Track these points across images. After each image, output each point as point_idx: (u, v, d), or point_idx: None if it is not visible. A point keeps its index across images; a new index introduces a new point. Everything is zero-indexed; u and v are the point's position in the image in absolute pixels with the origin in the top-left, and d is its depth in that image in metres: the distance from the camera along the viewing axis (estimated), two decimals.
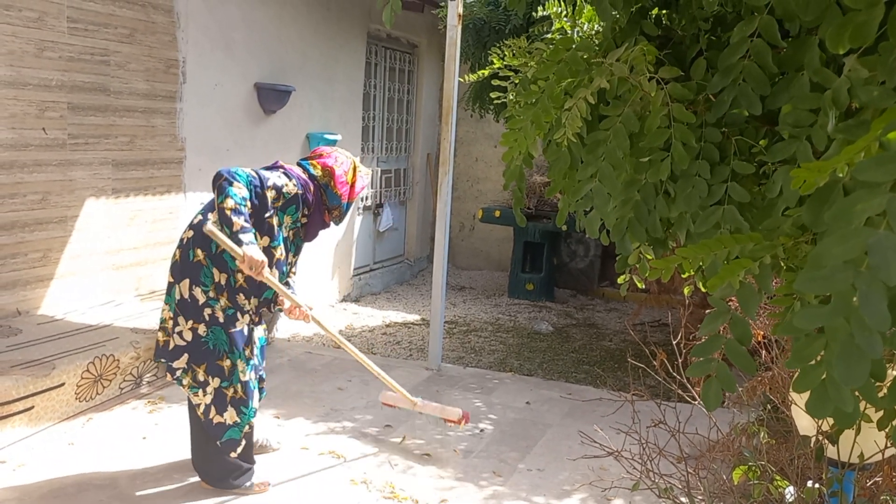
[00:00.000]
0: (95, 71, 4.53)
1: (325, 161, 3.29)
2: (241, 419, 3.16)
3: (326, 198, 3.28)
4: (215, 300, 3.06)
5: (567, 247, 8.33)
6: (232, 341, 3.11)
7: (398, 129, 8.38)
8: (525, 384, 5.05)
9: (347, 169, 3.32)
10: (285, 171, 3.17)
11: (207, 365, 3.10)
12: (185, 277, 3.06)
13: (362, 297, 7.80)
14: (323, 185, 3.26)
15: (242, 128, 5.74)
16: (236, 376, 3.13)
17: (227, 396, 3.14)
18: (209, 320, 3.07)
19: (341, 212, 3.35)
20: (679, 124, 1.44)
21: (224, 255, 3.01)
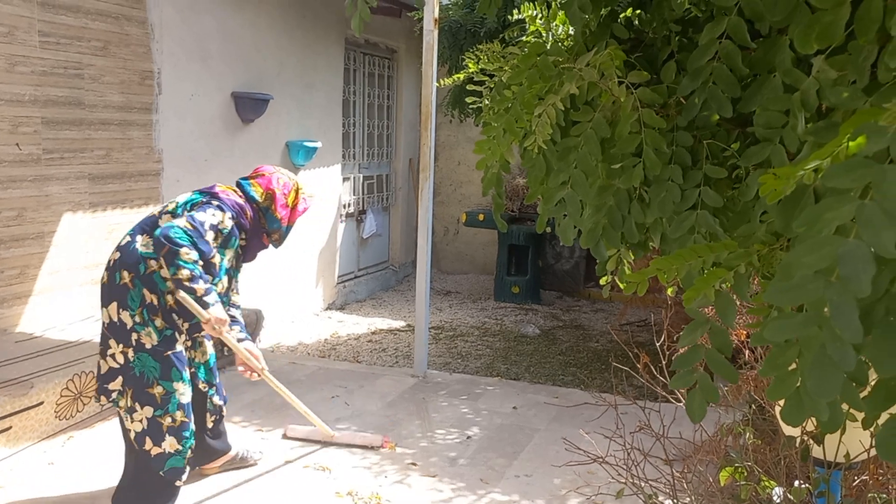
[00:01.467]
0: (69, 84, 4.47)
1: (266, 184, 3.20)
2: (182, 445, 3.02)
3: (265, 221, 3.20)
4: (142, 325, 2.92)
5: (552, 248, 8.32)
6: (167, 365, 2.97)
7: (379, 134, 8.34)
8: (512, 389, 5.02)
9: (288, 191, 3.25)
10: (219, 201, 3.05)
11: (134, 391, 2.95)
12: (113, 301, 2.95)
13: (347, 305, 7.76)
14: (263, 208, 3.18)
15: (220, 138, 5.69)
16: (173, 403, 2.98)
17: (164, 426, 2.98)
18: (136, 346, 2.93)
19: (281, 235, 3.27)
20: (650, 129, 1.42)
21: (154, 276, 2.93)
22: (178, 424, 3.00)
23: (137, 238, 2.99)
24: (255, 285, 6.17)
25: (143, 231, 3.01)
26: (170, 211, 3.03)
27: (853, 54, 1.20)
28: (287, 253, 6.62)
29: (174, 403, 2.98)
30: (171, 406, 2.98)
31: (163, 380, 2.96)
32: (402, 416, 4.40)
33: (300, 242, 6.86)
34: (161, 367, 2.95)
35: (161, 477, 2.99)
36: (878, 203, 0.73)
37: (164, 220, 2.98)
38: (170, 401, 2.97)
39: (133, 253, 2.95)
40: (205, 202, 3.03)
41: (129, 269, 2.93)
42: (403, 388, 4.90)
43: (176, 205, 3.06)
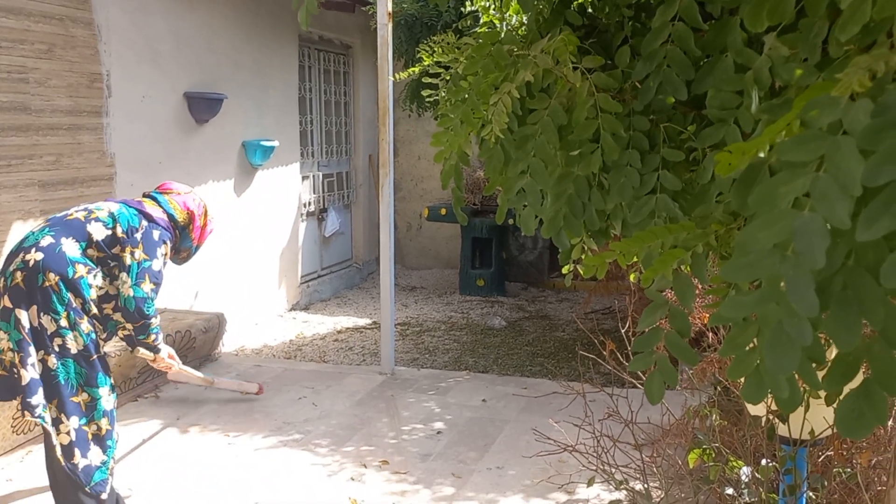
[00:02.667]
0: (13, 89, 4.34)
1: (185, 203, 3.20)
2: (107, 455, 2.90)
3: (179, 239, 3.20)
4: (68, 329, 2.81)
5: (515, 240, 8.34)
6: (93, 370, 2.86)
7: (337, 131, 8.27)
8: (480, 382, 5.02)
9: (202, 212, 3.26)
10: (158, 227, 3.05)
11: (59, 401, 2.79)
12: (32, 304, 2.79)
13: (312, 305, 7.68)
14: (181, 227, 3.18)
15: (174, 140, 5.58)
16: (99, 410, 2.87)
17: (89, 434, 2.85)
18: (59, 351, 2.80)
19: (189, 254, 3.30)
20: (606, 114, 1.41)
21: (82, 281, 2.85)
22: (104, 433, 2.89)
23: (63, 241, 2.85)
24: (217, 288, 6.07)
25: (69, 234, 2.89)
26: (100, 220, 2.94)
27: (804, 31, 1.20)
28: (248, 254, 6.53)
29: (99, 411, 2.87)
30: (96, 413, 2.86)
31: (87, 386, 2.85)
32: (372, 414, 4.36)
33: (261, 243, 6.77)
34: (87, 373, 2.85)
35: (88, 492, 2.84)
36: (832, 175, 0.73)
37: (96, 229, 2.91)
38: (95, 408, 2.86)
39: (61, 256, 2.82)
40: (148, 232, 3.00)
41: (55, 272, 2.80)
42: (371, 386, 4.87)
43: (109, 214, 2.97)
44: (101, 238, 2.91)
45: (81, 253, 2.88)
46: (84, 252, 2.89)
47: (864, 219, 0.73)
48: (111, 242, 2.93)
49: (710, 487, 2.75)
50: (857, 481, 2.53)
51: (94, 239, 2.90)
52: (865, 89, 0.80)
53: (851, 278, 0.81)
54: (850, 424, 0.91)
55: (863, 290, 0.79)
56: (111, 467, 2.94)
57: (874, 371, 0.90)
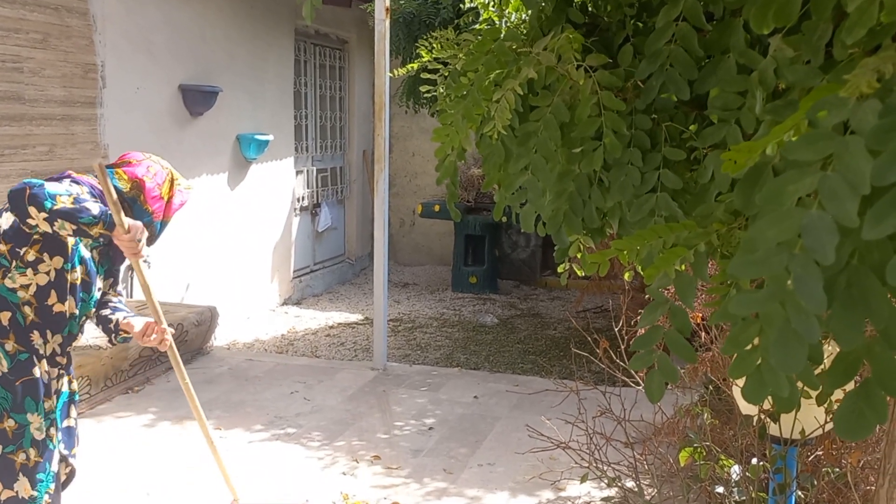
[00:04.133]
0: (7, 79, 4.31)
1: (133, 171, 2.64)
2: (38, 491, 2.57)
3: (133, 214, 2.61)
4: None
5: (508, 238, 8.35)
6: (19, 396, 2.51)
7: (332, 126, 8.26)
8: (472, 378, 5.03)
9: (161, 181, 2.70)
10: (74, 179, 2.54)
11: None
12: None
13: (304, 300, 7.67)
14: (129, 199, 2.61)
15: (168, 132, 5.56)
16: (27, 438, 2.53)
17: (17, 464, 2.53)
18: None
19: (153, 232, 2.70)
20: (609, 112, 1.42)
21: (1, 289, 2.45)
22: (33, 464, 2.56)
23: None
24: (209, 282, 6.06)
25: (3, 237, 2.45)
26: None
27: (807, 33, 1.21)
28: (241, 248, 6.52)
29: (28, 439, 2.54)
30: (24, 441, 2.53)
31: (14, 412, 2.50)
32: (363, 410, 4.37)
33: (254, 237, 6.76)
34: (11, 398, 2.50)
35: None
36: (841, 173, 0.73)
37: (5, 219, 2.43)
38: (23, 435, 2.53)
39: None
40: (58, 177, 2.51)
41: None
42: (363, 381, 4.87)
43: None
44: (6, 227, 2.43)
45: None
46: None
47: (870, 217, 0.74)
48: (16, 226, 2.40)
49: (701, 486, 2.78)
50: (846, 481, 2.55)
51: (1, 230, 2.43)
52: (873, 90, 0.80)
53: (856, 277, 0.82)
54: (849, 425, 0.92)
55: (867, 289, 0.80)
56: (45, 502, 2.59)
57: (874, 371, 0.91)
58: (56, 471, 2.65)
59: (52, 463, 2.62)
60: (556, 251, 2.05)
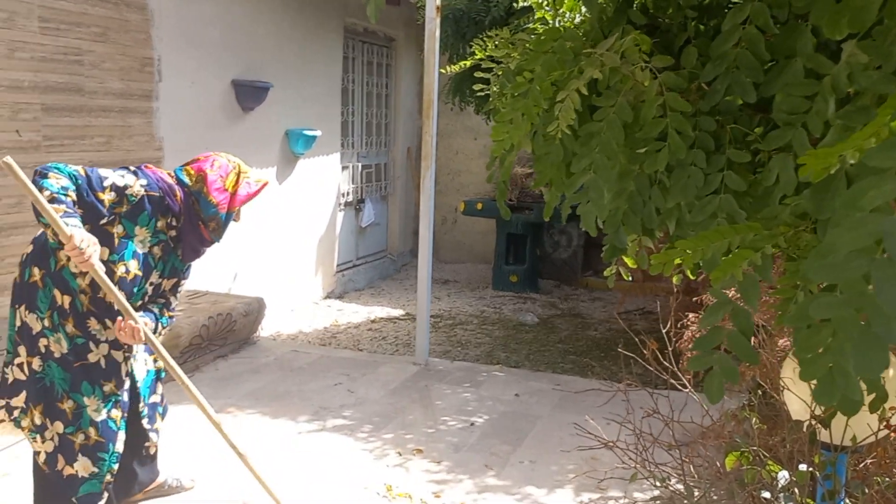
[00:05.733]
0: (69, 71, 4.45)
1: (198, 165, 2.79)
2: (99, 468, 2.68)
3: (200, 207, 2.74)
4: (52, 330, 2.59)
5: (550, 238, 8.34)
6: (77, 377, 2.62)
7: (377, 123, 8.33)
8: (513, 376, 5.04)
9: (226, 174, 2.79)
10: (138, 169, 2.64)
11: (44, 406, 2.62)
12: (22, 301, 2.61)
13: (346, 294, 7.76)
14: (195, 192, 2.73)
15: (220, 126, 5.67)
16: (85, 419, 2.63)
17: (76, 444, 2.64)
18: (44, 353, 2.60)
19: (219, 223, 2.78)
20: (674, 113, 1.43)
21: (64, 272, 2.57)
22: (93, 444, 2.65)
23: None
24: (255, 274, 6.17)
25: None
26: None
27: (878, 39, 1.21)
28: (286, 241, 6.62)
29: (86, 420, 2.64)
30: (82, 422, 2.64)
31: (73, 392, 2.62)
32: (406, 404, 4.42)
33: (299, 231, 6.86)
34: (71, 379, 2.61)
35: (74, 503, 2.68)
36: None
37: None
38: (81, 416, 2.64)
39: (43, 245, 2.60)
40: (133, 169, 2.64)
41: (39, 265, 2.59)
42: (405, 375, 4.92)
43: None
44: None
45: None
46: None
47: None
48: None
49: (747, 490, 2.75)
50: None
51: None
52: None
53: None
54: None
55: None
56: (106, 481, 2.72)
57: None
58: (120, 451, 2.75)
59: (117, 443, 2.72)
60: (605, 251, 2.06)
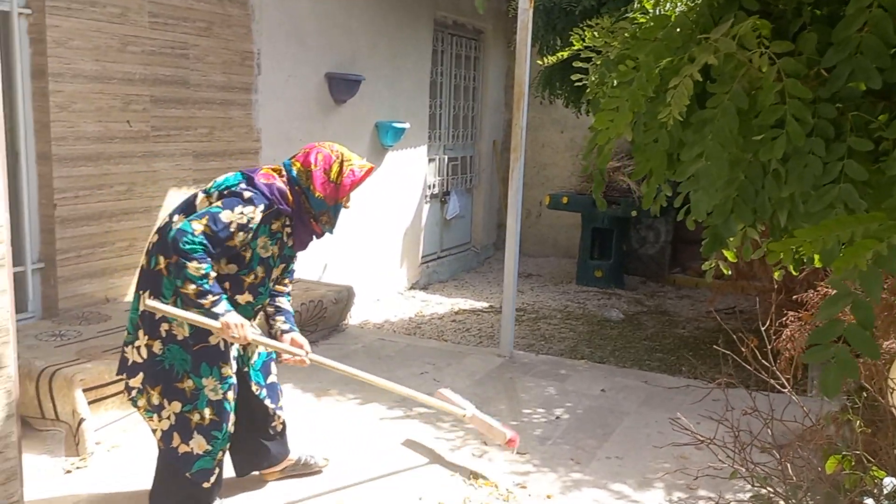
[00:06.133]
0: (175, 64, 4.65)
1: (304, 158, 2.87)
2: (212, 446, 2.81)
3: (310, 205, 2.84)
4: (174, 316, 2.71)
5: (637, 233, 8.20)
6: (197, 359, 2.76)
7: (464, 116, 8.37)
8: (599, 372, 4.99)
9: (329, 167, 2.83)
10: (254, 190, 2.74)
11: (163, 387, 2.76)
12: (147, 287, 2.74)
13: (430, 285, 7.84)
14: (304, 189, 2.82)
15: (314, 118, 5.82)
16: (202, 400, 2.78)
17: (192, 422, 2.78)
18: (166, 337, 2.73)
19: (330, 216, 2.88)
20: (793, 100, 1.39)
21: None
22: (208, 423, 2.80)
23: (174, 219, 2.75)
24: (344, 263, 6.31)
25: (180, 211, 2.79)
26: (206, 191, 2.80)
27: None
28: (374, 232, 6.74)
29: (203, 400, 2.78)
30: (199, 402, 2.78)
31: (192, 374, 2.76)
32: (491, 395, 4.44)
33: (386, 222, 6.97)
34: (192, 361, 2.76)
35: (188, 478, 2.81)
36: None
37: (200, 202, 2.77)
38: (198, 397, 2.78)
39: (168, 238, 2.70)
40: (238, 191, 2.73)
41: (164, 254, 2.70)
42: (490, 367, 4.94)
43: (213, 184, 2.82)
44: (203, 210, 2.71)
45: None
46: None
47: None
48: None
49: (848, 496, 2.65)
50: None
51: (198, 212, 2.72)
52: None
53: None
54: None
55: None
56: (218, 459, 2.86)
57: None
58: (232, 430, 2.89)
59: (229, 424, 2.87)
60: (705, 245, 2.02)
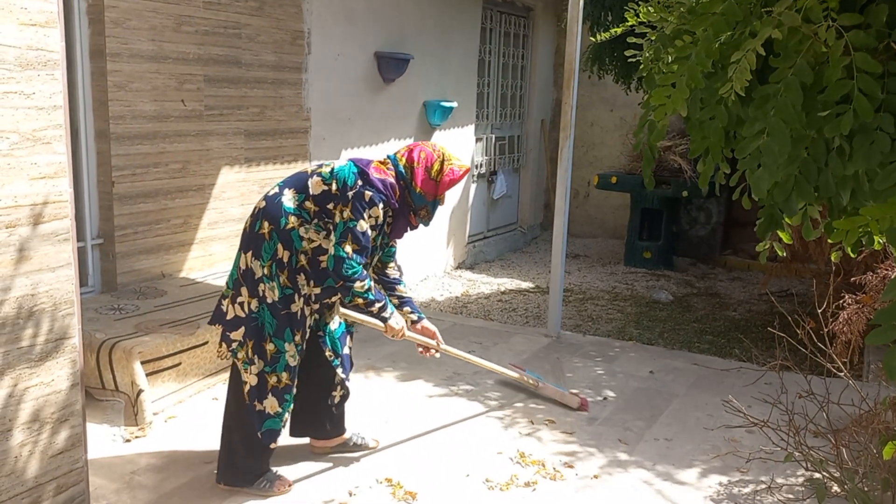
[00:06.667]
0: (228, 44, 4.71)
1: (409, 155, 3.08)
2: (282, 409, 3.00)
3: (412, 199, 3.06)
4: (269, 278, 2.91)
5: (687, 214, 8.07)
6: (282, 324, 2.94)
7: (512, 95, 8.31)
8: (647, 353, 4.95)
9: (431, 165, 3.05)
10: (372, 188, 2.94)
11: (255, 343, 2.95)
12: (249, 248, 2.95)
13: (476, 265, 7.85)
14: (408, 183, 3.05)
15: (363, 97, 5.84)
16: (282, 363, 2.96)
17: (269, 384, 2.97)
18: (261, 297, 2.93)
19: (428, 211, 3.11)
20: (862, 74, 1.35)
21: (293, 232, 2.91)
22: (283, 386, 2.98)
23: (285, 192, 2.96)
24: None
25: (292, 186, 2.98)
26: (321, 175, 2.97)
27: None
28: None
29: (282, 364, 2.96)
30: (279, 366, 2.96)
31: (276, 337, 2.94)
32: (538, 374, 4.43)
33: None
34: (277, 324, 2.93)
35: (257, 437, 2.98)
36: None
37: (314, 184, 2.95)
38: (278, 360, 2.96)
39: (278, 206, 2.94)
40: (359, 192, 2.91)
41: (270, 221, 2.92)
42: (537, 346, 4.94)
43: (330, 171, 2.97)
44: (317, 193, 2.93)
45: (298, 205, 2.93)
46: (301, 204, 2.93)
47: None
48: (325, 198, 2.92)
49: None
50: None
51: (311, 193, 2.93)
52: None
53: None
54: None
55: None
56: (285, 420, 3.03)
57: None
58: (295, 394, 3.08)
59: (296, 388, 3.05)
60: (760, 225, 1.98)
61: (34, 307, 2.25)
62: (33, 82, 2.17)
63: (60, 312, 2.32)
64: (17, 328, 2.22)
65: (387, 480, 3.16)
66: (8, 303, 2.18)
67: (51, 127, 2.23)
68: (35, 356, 2.27)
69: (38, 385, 2.29)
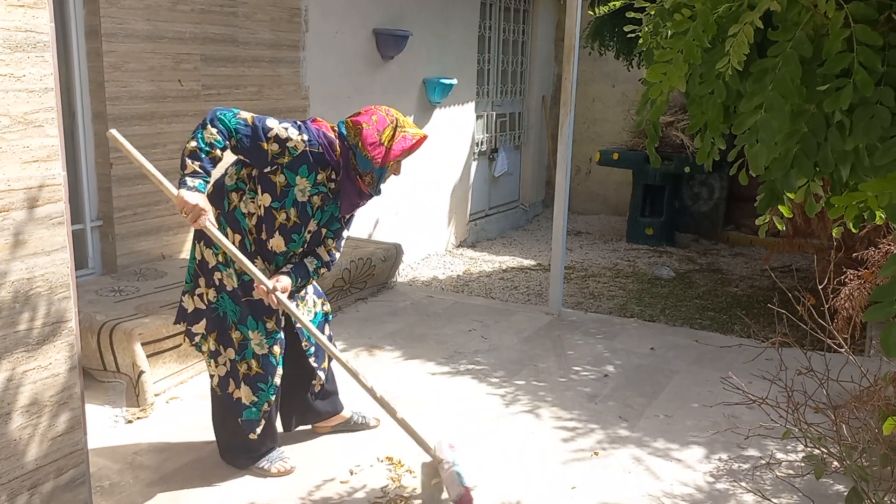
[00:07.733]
0: (224, 22, 4.66)
1: (357, 119, 2.82)
2: (258, 398, 2.90)
3: (356, 161, 2.80)
4: (225, 265, 2.80)
5: (689, 189, 8.03)
6: (244, 312, 2.84)
7: (513, 71, 8.23)
8: (648, 330, 4.95)
9: (383, 128, 2.80)
10: (303, 123, 2.77)
11: (218, 333, 2.88)
12: (202, 237, 2.82)
13: (478, 243, 7.83)
14: (352, 145, 2.79)
15: (362, 74, 5.79)
16: (249, 351, 2.87)
17: (240, 372, 2.89)
18: (218, 286, 2.83)
19: (373, 178, 2.84)
20: (862, 47, 1.32)
21: (236, 212, 2.79)
22: (254, 374, 2.89)
23: (228, 170, 2.83)
24: (394, 221, 6.33)
25: (234, 163, 2.84)
26: None
27: None
28: (422, 190, 6.73)
29: (249, 352, 2.88)
30: (246, 353, 2.88)
31: (240, 325, 2.86)
32: (539, 352, 4.44)
33: (434, 180, 6.95)
34: (239, 312, 2.85)
35: (240, 425, 2.94)
36: None
37: None
38: (245, 348, 2.88)
39: (220, 187, 2.82)
40: (303, 122, 2.78)
41: (215, 206, 2.79)
42: (539, 324, 4.94)
43: None
44: None
45: (237, 177, 2.79)
46: (239, 174, 2.79)
47: None
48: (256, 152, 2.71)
49: None
50: None
51: None
52: None
53: None
54: None
55: None
56: (264, 411, 2.94)
57: None
58: (279, 384, 2.97)
59: (276, 377, 2.94)
60: (760, 200, 1.96)
61: (30, 291, 2.24)
62: (23, 65, 2.14)
63: (57, 296, 2.31)
64: (14, 312, 2.21)
65: (388, 459, 3.17)
66: (4, 287, 2.17)
67: (42, 110, 2.21)
68: (32, 340, 2.27)
69: (36, 369, 2.29)
